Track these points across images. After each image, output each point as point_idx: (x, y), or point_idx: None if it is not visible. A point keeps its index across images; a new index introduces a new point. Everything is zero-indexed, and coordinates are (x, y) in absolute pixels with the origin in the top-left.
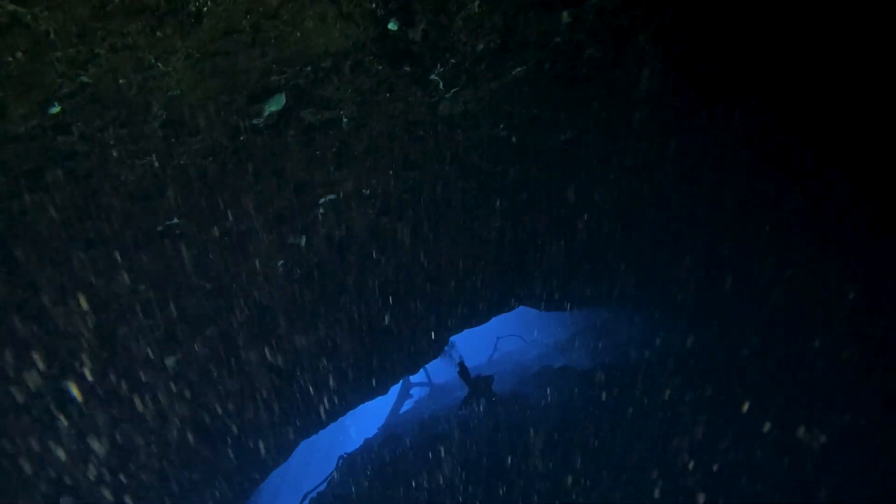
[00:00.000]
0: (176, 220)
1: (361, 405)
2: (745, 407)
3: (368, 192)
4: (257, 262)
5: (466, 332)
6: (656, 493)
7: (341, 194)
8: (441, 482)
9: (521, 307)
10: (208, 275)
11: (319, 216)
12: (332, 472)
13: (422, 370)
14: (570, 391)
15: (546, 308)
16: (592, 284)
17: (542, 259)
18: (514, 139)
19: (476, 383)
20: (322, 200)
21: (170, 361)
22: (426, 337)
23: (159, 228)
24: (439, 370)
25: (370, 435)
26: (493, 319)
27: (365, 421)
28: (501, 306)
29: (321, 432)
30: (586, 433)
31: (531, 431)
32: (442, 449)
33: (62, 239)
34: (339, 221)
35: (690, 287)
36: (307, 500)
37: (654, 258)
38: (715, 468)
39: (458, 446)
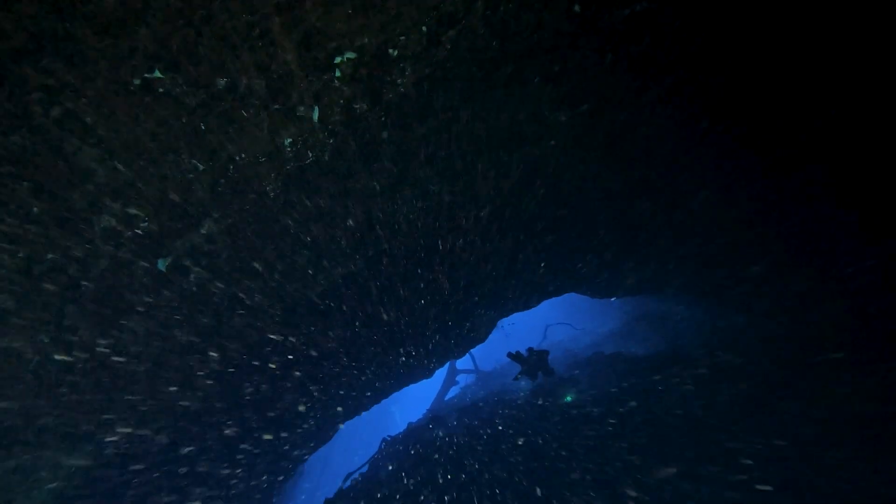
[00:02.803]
0: (158, 74)
1: (406, 390)
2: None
3: (396, 53)
4: (258, 138)
5: (515, 319)
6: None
7: (362, 53)
8: (481, 465)
9: (571, 295)
10: (198, 151)
11: (335, 80)
12: (375, 453)
13: (468, 356)
14: (621, 378)
15: (597, 295)
16: (647, 272)
17: (601, 239)
18: (576, 7)
19: (531, 358)
20: (338, 59)
21: (161, 264)
22: (474, 315)
23: (137, 81)
24: (486, 358)
25: (414, 419)
26: (542, 307)
27: (409, 406)
28: (554, 287)
29: (365, 416)
30: (637, 420)
31: (579, 419)
32: (485, 433)
33: (5, 83)
34: (360, 90)
35: (751, 281)
36: (350, 480)
37: (714, 248)
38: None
39: (502, 431)
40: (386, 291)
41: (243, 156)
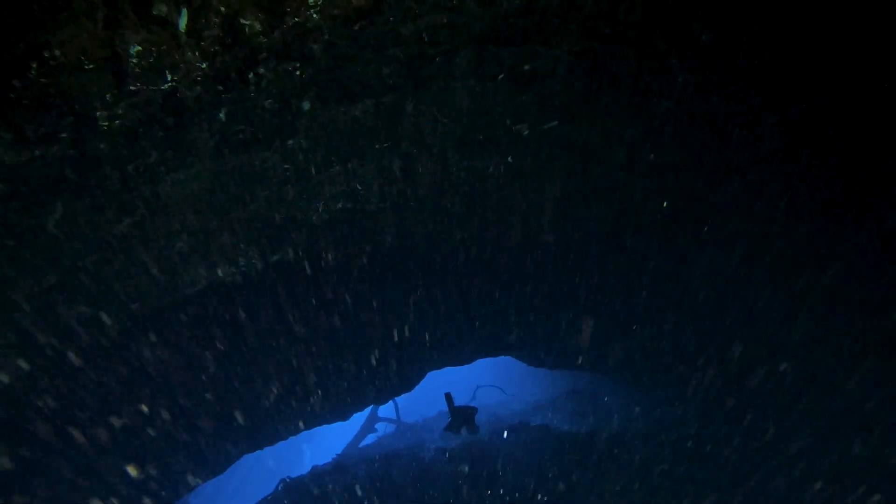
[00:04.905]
0: None
1: (320, 429)
2: None
3: None
4: (87, 35)
5: (446, 374)
6: None
7: None
8: None
9: (506, 358)
10: None
11: None
12: (269, 494)
13: (391, 403)
14: (543, 452)
15: (533, 363)
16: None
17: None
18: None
19: (460, 412)
20: None
21: None
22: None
23: None
24: (411, 409)
25: (323, 462)
26: (475, 367)
27: (322, 446)
28: (488, 348)
29: (269, 450)
30: (552, 497)
31: (492, 489)
32: (392, 492)
33: None
34: (251, 1)
35: (679, 365)
36: None
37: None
38: None
39: (408, 491)
40: (288, 308)
41: (59, 54)
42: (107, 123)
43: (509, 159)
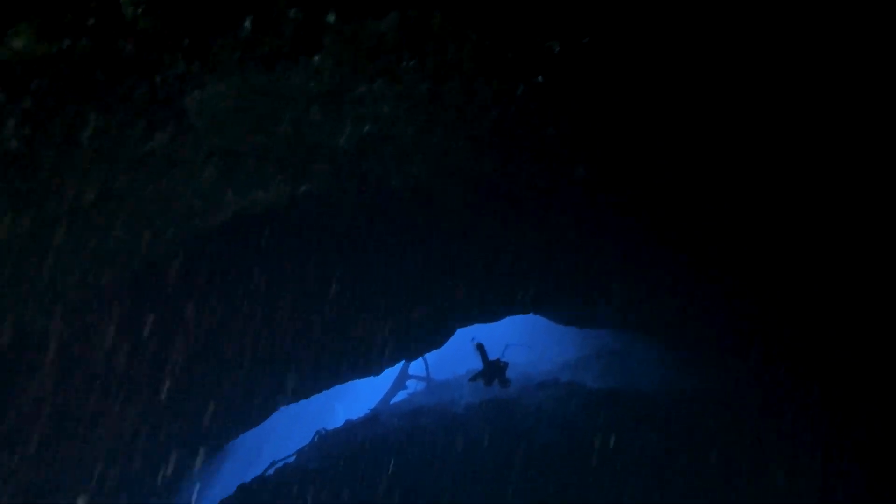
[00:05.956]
0: None
1: (351, 384)
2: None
3: None
4: None
5: (476, 332)
6: None
7: None
8: (413, 472)
9: (535, 318)
10: None
11: None
12: (305, 445)
13: (421, 361)
14: (571, 407)
15: (563, 321)
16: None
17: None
18: None
19: (493, 364)
20: None
21: None
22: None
23: None
24: (441, 367)
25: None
26: (506, 327)
27: (354, 403)
28: (515, 305)
29: (306, 405)
30: (576, 451)
31: (520, 441)
32: (421, 441)
33: None
34: None
35: (710, 329)
36: (273, 469)
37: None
38: None
39: (439, 441)
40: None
41: None
42: (132, 9)
43: (539, 78)
